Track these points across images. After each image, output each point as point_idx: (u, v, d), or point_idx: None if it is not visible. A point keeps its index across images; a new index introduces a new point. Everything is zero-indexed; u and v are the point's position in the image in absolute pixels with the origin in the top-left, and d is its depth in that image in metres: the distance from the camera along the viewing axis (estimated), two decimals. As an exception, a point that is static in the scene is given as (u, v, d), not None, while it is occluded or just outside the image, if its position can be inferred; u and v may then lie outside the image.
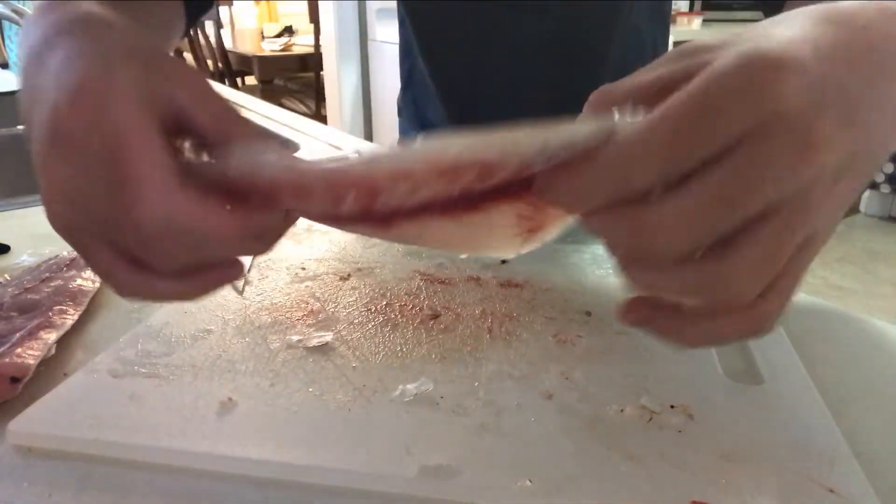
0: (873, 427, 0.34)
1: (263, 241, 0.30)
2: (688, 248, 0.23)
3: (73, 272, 0.48)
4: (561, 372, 0.36)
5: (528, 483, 0.28)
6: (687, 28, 2.91)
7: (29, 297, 0.44)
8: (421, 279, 0.48)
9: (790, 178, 0.22)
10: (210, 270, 0.30)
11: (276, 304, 0.44)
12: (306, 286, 0.47)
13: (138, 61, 0.27)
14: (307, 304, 0.44)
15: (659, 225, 0.23)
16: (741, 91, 0.21)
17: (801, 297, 0.48)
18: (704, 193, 0.22)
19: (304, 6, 3.95)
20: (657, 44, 0.75)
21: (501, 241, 0.27)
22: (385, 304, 0.44)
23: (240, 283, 0.47)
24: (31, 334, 0.39)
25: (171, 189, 0.26)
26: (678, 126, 0.22)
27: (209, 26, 3.72)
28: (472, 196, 0.24)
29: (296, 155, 0.28)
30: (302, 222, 0.62)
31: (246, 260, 0.51)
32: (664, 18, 0.77)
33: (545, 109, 0.33)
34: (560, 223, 0.26)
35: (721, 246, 0.23)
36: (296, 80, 4.01)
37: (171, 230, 0.26)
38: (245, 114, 0.29)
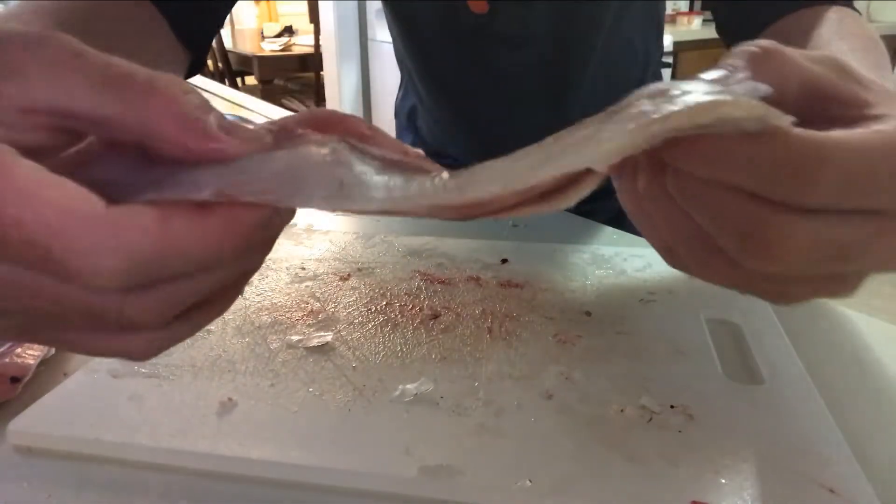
0: (873, 427, 0.34)
1: (262, 249, 0.24)
2: (796, 271, 0.23)
3: (73, 272, 0.48)
4: (561, 372, 0.36)
5: (528, 483, 0.28)
6: (687, 28, 2.91)
7: (29, 297, 0.44)
8: (421, 279, 0.48)
9: None
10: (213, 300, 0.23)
11: (276, 304, 0.44)
12: (306, 286, 0.47)
13: None
14: (307, 304, 0.44)
15: (787, 237, 0.22)
16: None
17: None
18: (852, 236, 0.22)
19: (304, 6, 3.95)
20: (650, 50, 0.74)
21: None
22: (385, 304, 0.44)
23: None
24: (31, 334, 0.39)
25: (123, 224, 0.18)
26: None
27: (209, 26, 3.71)
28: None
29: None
30: (302, 223, 0.62)
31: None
32: (658, 24, 0.77)
33: (537, 127, 0.32)
34: None
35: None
36: (296, 80, 4.01)
37: (149, 270, 0.19)
38: (247, 115, 0.26)
